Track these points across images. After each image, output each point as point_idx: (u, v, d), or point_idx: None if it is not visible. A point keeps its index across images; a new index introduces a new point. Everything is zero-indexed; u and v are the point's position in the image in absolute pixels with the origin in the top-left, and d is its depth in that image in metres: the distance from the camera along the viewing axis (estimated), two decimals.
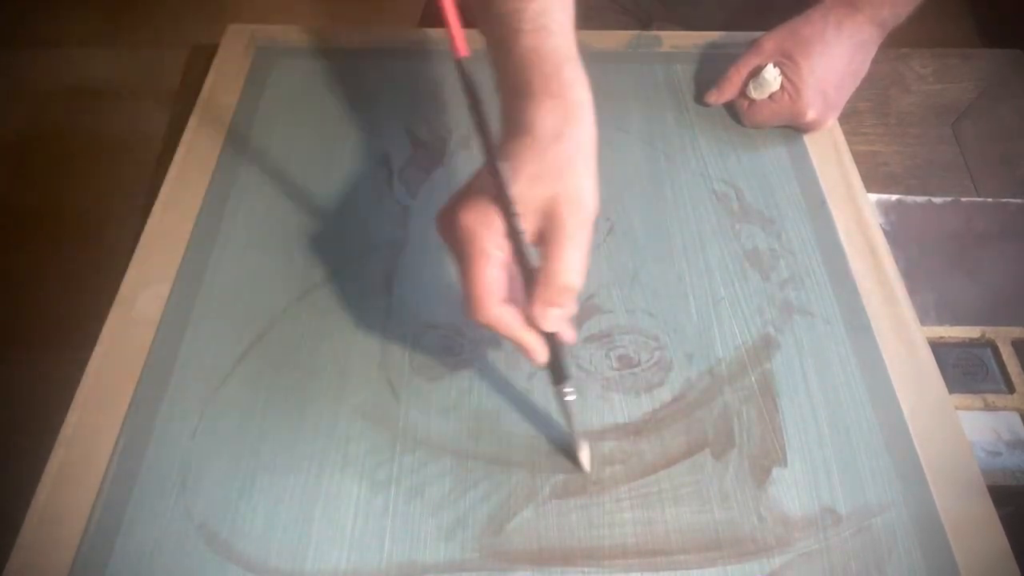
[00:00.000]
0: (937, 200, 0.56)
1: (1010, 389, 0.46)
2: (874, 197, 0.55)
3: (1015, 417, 0.45)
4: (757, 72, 0.54)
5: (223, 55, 0.60)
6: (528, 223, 0.33)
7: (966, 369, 0.47)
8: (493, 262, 0.32)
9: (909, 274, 0.51)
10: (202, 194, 0.50)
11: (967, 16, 1.68)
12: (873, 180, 0.57)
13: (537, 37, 0.35)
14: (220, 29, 0.61)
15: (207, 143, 0.53)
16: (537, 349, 0.34)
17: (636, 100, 0.58)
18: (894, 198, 0.56)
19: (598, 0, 0.74)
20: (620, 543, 0.37)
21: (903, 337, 0.45)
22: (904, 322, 0.46)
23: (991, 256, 0.53)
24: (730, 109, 0.57)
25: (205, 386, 0.42)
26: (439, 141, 0.55)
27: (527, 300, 0.33)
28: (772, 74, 0.53)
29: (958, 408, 0.45)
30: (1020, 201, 0.56)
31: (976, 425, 0.45)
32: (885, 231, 0.53)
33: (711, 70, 0.58)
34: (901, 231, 0.54)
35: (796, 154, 0.55)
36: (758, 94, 0.54)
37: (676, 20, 0.74)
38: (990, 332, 0.48)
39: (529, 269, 0.33)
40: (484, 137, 0.32)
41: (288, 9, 1.65)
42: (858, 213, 0.52)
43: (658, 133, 0.56)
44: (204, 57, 0.60)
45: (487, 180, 0.33)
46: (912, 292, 0.48)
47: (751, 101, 0.55)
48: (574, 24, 0.37)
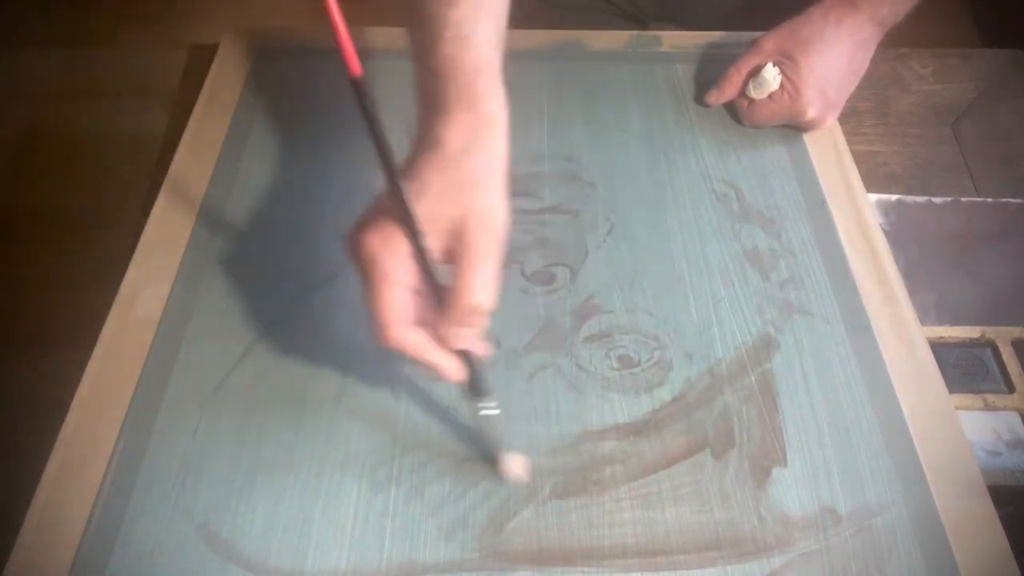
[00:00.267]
0: (937, 200, 0.56)
1: (1010, 389, 0.46)
2: (874, 197, 0.55)
3: (1015, 417, 0.45)
4: (757, 72, 0.54)
5: (223, 55, 0.60)
6: (437, 241, 0.32)
7: (966, 369, 0.47)
8: (398, 285, 0.31)
9: (909, 274, 0.51)
10: (202, 194, 0.51)
11: (967, 16, 1.68)
12: (873, 180, 0.57)
13: (456, 45, 0.34)
14: (220, 29, 0.61)
15: (207, 143, 0.53)
16: (449, 368, 0.33)
17: (636, 100, 0.58)
18: (894, 198, 0.56)
19: (591, 3, 0.74)
20: (620, 543, 0.37)
21: (903, 337, 0.45)
22: (904, 322, 0.46)
23: (991, 256, 0.53)
24: (730, 109, 0.57)
25: (205, 386, 0.42)
26: None
27: (437, 320, 0.32)
28: (772, 73, 0.53)
29: (958, 408, 0.45)
30: (1020, 201, 0.56)
31: (976, 425, 0.45)
32: (885, 231, 0.53)
33: (711, 70, 0.58)
34: (901, 231, 0.54)
35: (796, 154, 0.55)
36: (758, 94, 0.54)
37: (674, 21, 0.74)
38: (990, 332, 0.48)
39: (439, 288, 0.32)
40: (383, 158, 0.30)
41: (288, 9, 1.65)
42: (858, 213, 0.52)
43: (658, 133, 0.56)
44: (204, 57, 0.60)
45: (391, 200, 0.31)
46: (912, 292, 0.48)
47: (751, 101, 0.55)
48: (503, 35, 0.36)
